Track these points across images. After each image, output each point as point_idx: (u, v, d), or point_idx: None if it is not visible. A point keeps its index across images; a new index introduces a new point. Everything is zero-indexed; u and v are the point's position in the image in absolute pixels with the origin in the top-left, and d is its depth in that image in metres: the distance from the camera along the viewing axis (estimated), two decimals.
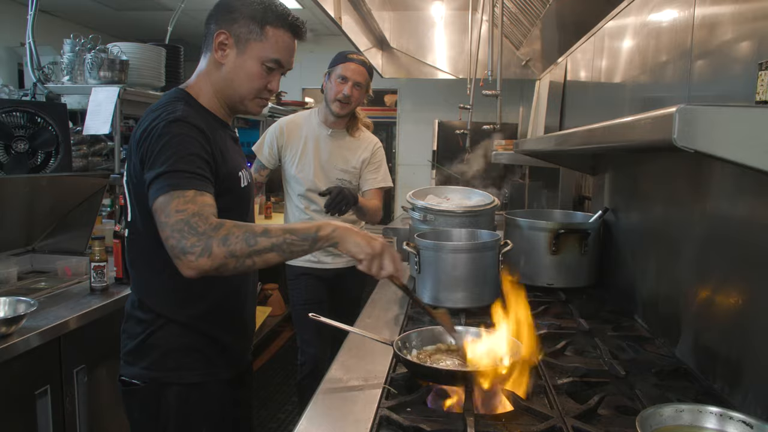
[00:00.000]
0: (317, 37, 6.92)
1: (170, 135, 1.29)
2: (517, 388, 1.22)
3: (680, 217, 1.57)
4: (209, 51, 1.43)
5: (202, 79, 1.46)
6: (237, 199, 1.46)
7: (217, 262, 1.18)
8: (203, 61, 1.46)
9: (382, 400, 1.23)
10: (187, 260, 1.18)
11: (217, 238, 1.18)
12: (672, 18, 1.62)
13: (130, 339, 1.45)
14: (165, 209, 1.22)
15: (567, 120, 3.19)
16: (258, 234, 1.21)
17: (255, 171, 2.63)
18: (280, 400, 3.57)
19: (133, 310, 1.46)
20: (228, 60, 1.41)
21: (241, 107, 1.48)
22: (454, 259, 1.84)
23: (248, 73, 1.42)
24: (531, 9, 3.05)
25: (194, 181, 1.26)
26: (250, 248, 1.19)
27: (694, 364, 1.38)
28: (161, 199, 1.23)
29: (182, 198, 1.22)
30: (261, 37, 1.40)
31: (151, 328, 1.43)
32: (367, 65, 2.55)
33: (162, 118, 1.32)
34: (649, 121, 0.77)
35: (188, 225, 1.19)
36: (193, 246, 1.17)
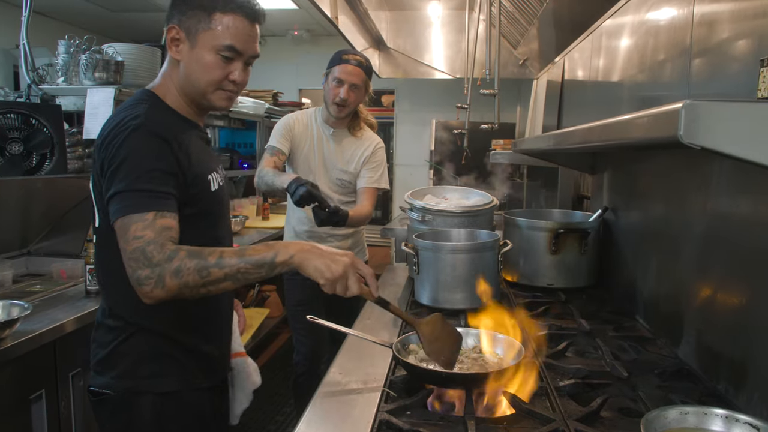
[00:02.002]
0: (314, 37, 6.91)
1: (129, 148, 1.24)
2: (518, 391, 1.21)
3: (681, 216, 1.55)
4: (168, 50, 1.38)
5: (166, 79, 1.41)
6: (208, 204, 1.41)
7: (171, 294, 1.17)
8: (166, 61, 1.41)
9: (382, 403, 1.21)
10: (142, 291, 1.17)
11: (170, 270, 1.16)
12: (671, 16, 1.60)
13: (100, 348, 1.39)
14: (124, 234, 1.20)
15: (565, 119, 3.17)
16: (211, 265, 1.17)
17: (271, 155, 2.50)
18: (279, 402, 3.55)
19: (104, 319, 1.40)
20: (182, 55, 1.35)
21: (205, 102, 1.41)
22: (453, 260, 1.82)
23: (203, 65, 1.34)
24: (528, 8, 3.03)
25: (154, 201, 1.21)
26: (202, 279, 1.17)
27: (697, 365, 1.37)
28: (120, 222, 1.21)
29: (141, 222, 1.19)
30: (210, 25, 1.33)
31: (123, 335, 1.37)
32: (364, 65, 2.51)
33: (122, 126, 1.26)
34: (653, 118, 0.76)
35: (143, 254, 1.17)
36: (147, 278, 1.16)
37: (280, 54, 7.27)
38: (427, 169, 6.52)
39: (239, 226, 3.97)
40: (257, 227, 4.25)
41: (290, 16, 6.12)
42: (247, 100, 4.49)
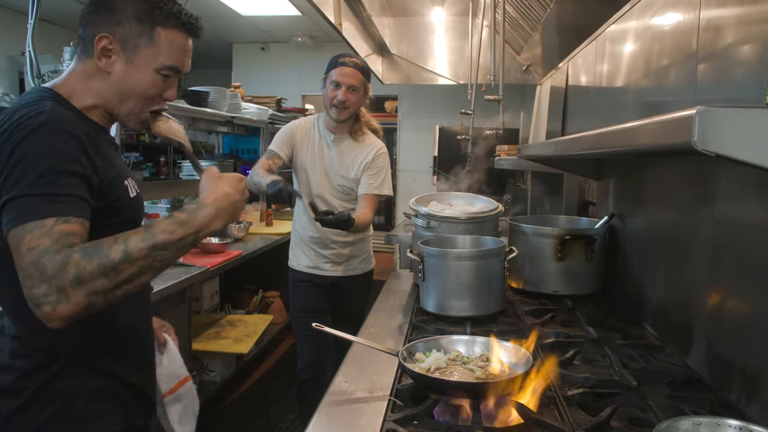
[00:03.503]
0: (317, 43, 6.93)
1: (29, 147, 1.04)
2: (526, 400, 1.19)
3: (689, 222, 1.54)
4: (88, 55, 1.20)
5: (78, 81, 1.21)
6: (130, 211, 1.25)
7: (80, 307, 0.97)
8: (78, 63, 1.22)
9: (388, 413, 1.20)
10: (43, 312, 0.96)
11: (67, 279, 0.96)
12: (676, 21, 1.59)
13: (10, 398, 1.13)
14: (18, 247, 0.99)
15: (569, 125, 3.17)
16: (117, 262, 0.99)
17: (267, 158, 2.53)
18: (282, 409, 3.53)
19: (12, 360, 1.14)
20: (115, 69, 1.20)
21: (127, 120, 1.26)
22: (459, 267, 1.81)
23: (141, 84, 1.21)
24: (532, 14, 3.03)
25: (56, 204, 1.02)
26: (112, 281, 0.99)
27: (707, 374, 1.35)
28: (14, 233, 1.00)
29: (38, 230, 0.99)
30: (152, 42, 1.20)
31: (43, 376, 1.13)
32: (360, 67, 2.50)
33: (21, 123, 1.06)
34: (666, 124, 0.75)
35: (37, 268, 0.96)
36: (44, 295, 0.96)
37: (284, 60, 7.30)
38: (431, 174, 6.52)
39: (243, 233, 3.96)
40: (261, 233, 4.25)
41: (294, 23, 6.14)
42: (251, 106, 4.50)
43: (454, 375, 1.27)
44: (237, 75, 7.32)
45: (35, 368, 1.14)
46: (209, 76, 6.63)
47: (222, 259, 3.23)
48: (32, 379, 1.13)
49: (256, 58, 7.37)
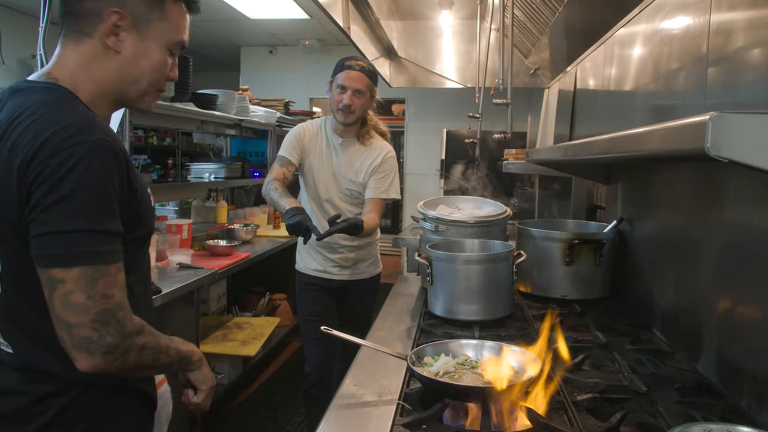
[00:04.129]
0: (325, 47, 6.95)
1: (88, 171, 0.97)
2: (535, 405, 1.19)
3: (698, 226, 1.53)
4: (87, 34, 1.09)
5: (79, 68, 1.10)
6: (152, 222, 1.21)
7: (124, 368, 1.02)
8: (73, 46, 1.10)
9: (397, 417, 1.20)
10: (99, 359, 0.98)
11: (137, 345, 1.02)
12: (686, 24, 1.59)
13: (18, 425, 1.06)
14: (87, 288, 0.96)
15: (577, 128, 3.16)
16: (162, 351, 1.09)
17: (281, 165, 2.52)
18: (289, 411, 3.53)
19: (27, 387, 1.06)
20: (126, 47, 1.10)
21: (140, 102, 1.18)
22: (467, 271, 1.81)
23: (153, 62, 1.13)
24: (540, 17, 3.03)
25: (117, 246, 1.01)
26: (152, 363, 1.07)
27: (718, 380, 1.34)
28: (79, 272, 0.96)
29: (108, 277, 0.98)
30: (164, 16, 1.12)
31: (65, 400, 1.07)
32: (367, 70, 2.49)
33: (74, 138, 0.98)
34: (678, 130, 0.75)
35: (116, 320, 0.99)
36: (116, 347, 0.98)
37: (292, 63, 7.32)
38: (438, 177, 6.51)
39: (250, 235, 3.97)
40: (268, 236, 4.26)
41: (302, 26, 6.16)
42: (259, 109, 4.51)
43: (463, 379, 1.27)
44: (245, 78, 7.34)
45: (51, 394, 1.07)
46: (217, 79, 6.67)
47: (230, 261, 3.24)
48: (49, 403, 1.07)
49: (264, 61, 7.39)
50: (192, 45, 3.86)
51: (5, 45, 5.31)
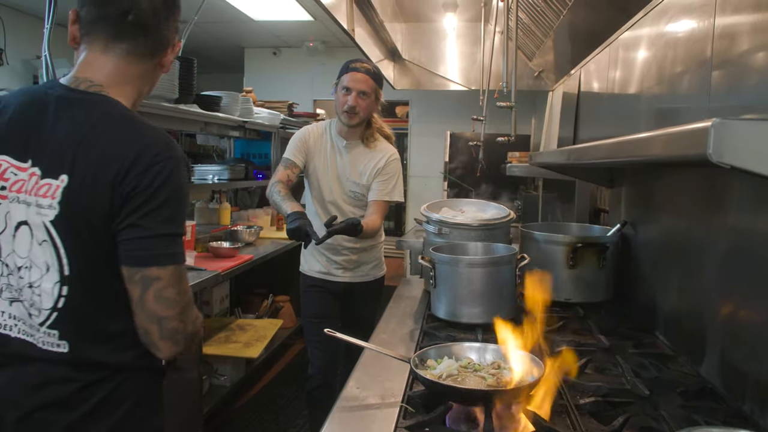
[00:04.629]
0: (329, 48, 6.96)
1: (178, 183, 1.12)
2: (538, 408, 1.19)
3: (702, 230, 1.54)
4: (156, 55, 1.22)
5: (132, 84, 1.20)
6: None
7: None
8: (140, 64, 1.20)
9: (400, 419, 1.20)
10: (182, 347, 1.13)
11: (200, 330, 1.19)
12: (690, 28, 1.59)
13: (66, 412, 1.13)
14: (176, 284, 1.11)
15: (581, 131, 3.16)
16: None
17: (285, 168, 2.54)
18: (291, 414, 3.53)
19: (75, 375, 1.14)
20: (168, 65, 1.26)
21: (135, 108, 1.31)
22: (471, 274, 1.81)
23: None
24: (544, 20, 3.03)
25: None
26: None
27: (720, 384, 1.34)
28: (172, 270, 1.11)
29: (185, 274, 1.14)
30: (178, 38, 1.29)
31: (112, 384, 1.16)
32: (372, 72, 2.50)
33: (161, 154, 1.11)
34: (681, 135, 0.75)
35: (193, 312, 1.16)
36: (194, 335, 1.16)
37: (295, 65, 7.33)
38: (441, 180, 6.51)
39: (254, 237, 3.98)
40: (271, 237, 4.27)
41: (306, 28, 6.17)
42: (263, 111, 4.52)
43: (466, 382, 1.27)
44: (249, 79, 7.36)
45: (98, 380, 1.15)
46: (221, 81, 6.69)
47: (233, 263, 3.25)
48: (95, 389, 1.15)
49: (268, 63, 7.41)
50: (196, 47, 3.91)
51: (9, 45, 5.34)
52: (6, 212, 1.16)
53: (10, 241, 1.15)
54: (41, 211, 1.11)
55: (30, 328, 1.15)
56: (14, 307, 1.16)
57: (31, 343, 1.15)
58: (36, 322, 1.14)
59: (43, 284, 1.13)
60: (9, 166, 1.15)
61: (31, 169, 1.13)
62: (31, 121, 1.16)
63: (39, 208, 1.11)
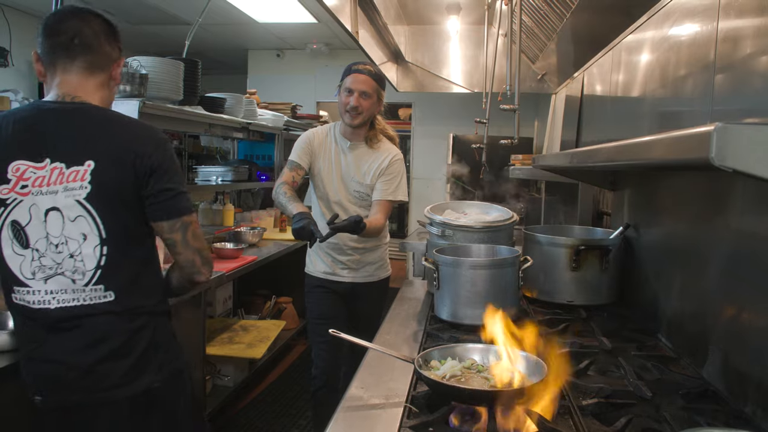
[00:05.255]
0: (332, 50, 6.98)
1: (173, 156, 1.52)
2: (541, 409, 1.20)
3: (705, 233, 1.54)
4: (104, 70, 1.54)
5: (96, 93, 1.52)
6: None
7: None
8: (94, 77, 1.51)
9: (404, 419, 1.21)
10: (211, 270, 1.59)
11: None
12: (694, 31, 1.60)
13: (122, 359, 1.45)
14: (194, 229, 1.53)
15: (584, 134, 3.17)
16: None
17: (290, 170, 2.58)
18: (294, 414, 3.54)
19: (123, 325, 1.45)
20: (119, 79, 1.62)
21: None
22: (474, 276, 1.82)
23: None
24: (548, 23, 3.04)
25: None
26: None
27: (723, 386, 1.35)
28: (189, 218, 1.52)
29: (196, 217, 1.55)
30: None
31: (151, 329, 1.51)
32: (374, 74, 2.54)
33: (160, 137, 1.51)
34: (683, 139, 0.76)
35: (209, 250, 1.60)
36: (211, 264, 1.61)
37: (298, 67, 7.35)
38: (444, 182, 6.52)
39: (257, 238, 3.99)
40: (274, 239, 4.28)
41: (309, 30, 6.19)
42: (266, 113, 4.54)
43: (470, 383, 1.28)
44: (252, 81, 7.38)
45: (142, 327, 1.49)
46: (224, 82, 6.71)
47: (237, 264, 3.26)
48: (141, 335, 1.48)
49: (272, 65, 7.43)
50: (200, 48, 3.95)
51: (14, 47, 5.36)
52: (30, 205, 1.40)
53: (39, 228, 1.41)
54: (72, 192, 1.40)
55: (74, 293, 1.42)
56: (51, 283, 1.42)
57: (76, 306, 1.42)
58: (81, 285, 1.42)
59: (84, 250, 1.42)
60: (27, 168, 1.40)
61: (50, 166, 1.41)
62: (37, 129, 1.43)
63: (69, 191, 1.40)
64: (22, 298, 1.43)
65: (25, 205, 1.40)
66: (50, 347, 1.43)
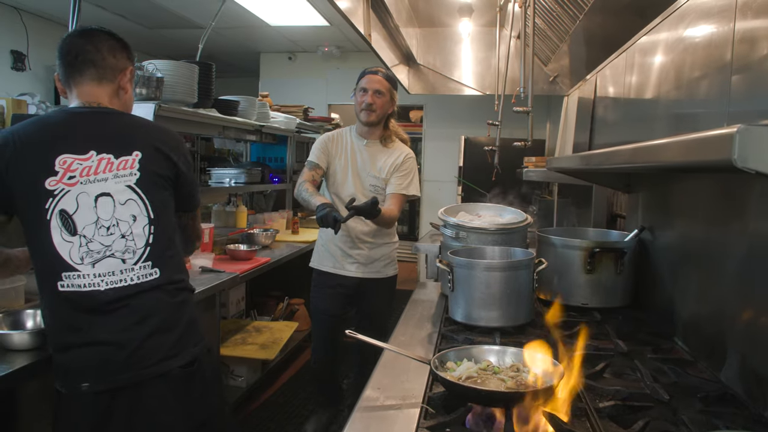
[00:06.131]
0: (344, 53, 7.00)
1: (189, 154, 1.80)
2: (558, 411, 1.20)
3: (721, 235, 1.53)
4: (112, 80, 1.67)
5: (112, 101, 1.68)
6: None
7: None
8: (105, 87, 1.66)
9: (421, 420, 1.21)
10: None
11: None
12: (710, 32, 1.59)
13: (169, 332, 1.59)
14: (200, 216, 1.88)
15: (597, 136, 3.15)
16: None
17: (310, 169, 2.76)
18: (306, 415, 3.54)
19: (169, 299, 1.61)
20: (128, 89, 1.74)
21: None
22: (489, 278, 1.82)
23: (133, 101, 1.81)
24: (560, 25, 3.04)
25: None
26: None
27: (741, 390, 1.34)
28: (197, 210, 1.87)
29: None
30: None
31: (190, 303, 1.70)
32: (386, 75, 2.76)
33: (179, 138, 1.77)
34: (705, 141, 0.76)
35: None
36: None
37: (310, 70, 7.38)
38: (455, 184, 6.51)
39: (270, 240, 4.01)
40: (287, 241, 4.30)
41: (321, 33, 6.21)
42: (279, 115, 4.56)
43: (486, 384, 1.28)
44: (264, 83, 7.42)
45: (185, 301, 1.67)
46: (236, 84, 6.74)
47: (250, 265, 3.28)
48: (185, 308, 1.67)
49: (283, 68, 7.46)
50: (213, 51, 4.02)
51: (32, 51, 5.42)
52: (78, 194, 1.54)
53: (88, 215, 1.54)
54: (123, 179, 1.58)
55: (122, 273, 1.56)
56: (98, 266, 1.54)
57: (124, 286, 1.55)
58: (131, 264, 1.57)
59: (135, 230, 1.58)
60: (73, 160, 1.55)
61: (97, 157, 1.57)
62: (75, 128, 1.60)
63: (120, 178, 1.58)
64: (72, 283, 1.52)
65: (72, 195, 1.53)
66: (97, 330, 1.52)
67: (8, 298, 2.12)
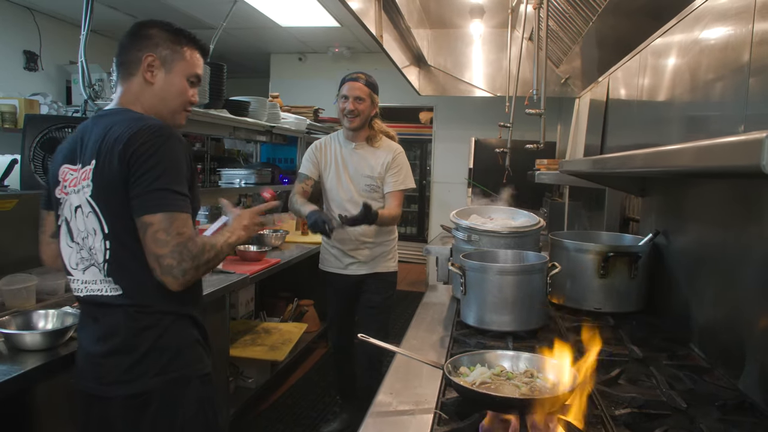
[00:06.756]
0: (354, 54, 7.00)
1: (166, 152, 1.43)
2: (573, 418, 1.18)
3: (738, 240, 1.51)
4: (134, 74, 1.58)
5: (134, 98, 1.58)
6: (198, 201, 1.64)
7: (198, 277, 1.47)
8: (130, 84, 1.58)
9: (434, 426, 1.20)
10: (180, 280, 1.40)
11: (204, 260, 1.44)
12: (727, 35, 1.57)
13: (125, 355, 1.46)
14: (167, 228, 1.39)
15: (609, 139, 3.13)
16: (221, 252, 1.52)
17: (300, 182, 2.93)
18: (315, 417, 3.54)
19: (129, 322, 1.47)
20: (157, 79, 1.58)
21: (174, 118, 1.64)
22: (501, 281, 1.80)
23: (178, 89, 1.61)
24: (572, 27, 3.02)
25: (188, 204, 1.46)
26: (218, 262, 1.52)
27: (761, 399, 1.31)
28: (161, 216, 1.39)
29: (181, 220, 1.41)
30: (183, 57, 1.61)
31: (159, 330, 1.48)
32: (366, 81, 2.86)
33: (157, 132, 1.44)
34: (732, 146, 0.74)
35: (186, 249, 1.40)
36: (189, 270, 1.40)
37: (320, 71, 7.38)
38: (465, 186, 6.49)
39: (280, 241, 4.01)
40: (296, 242, 4.30)
41: (331, 34, 6.22)
42: (289, 116, 4.56)
43: (500, 390, 1.27)
44: (274, 84, 7.43)
45: (150, 326, 1.48)
46: (247, 85, 6.76)
47: (260, 267, 3.28)
48: (148, 333, 1.47)
49: (294, 68, 7.47)
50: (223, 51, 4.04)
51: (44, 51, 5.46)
52: (67, 204, 1.53)
53: (76, 224, 1.51)
54: (83, 191, 1.49)
55: (100, 284, 1.50)
56: (87, 273, 1.51)
57: (99, 296, 1.50)
58: (102, 276, 1.49)
59: (95, 244, 1.48)
60: (68, 171, 1.54)
61: (82, 169, 1.51)
62: (79, 136, 1.56)
63: (82, 189, 1.49)
64: (72, 287, 1.57)
65: (66, 204, 1.55)
66: (82, 333, 1.58)
67: (20, 298, 2.13)
